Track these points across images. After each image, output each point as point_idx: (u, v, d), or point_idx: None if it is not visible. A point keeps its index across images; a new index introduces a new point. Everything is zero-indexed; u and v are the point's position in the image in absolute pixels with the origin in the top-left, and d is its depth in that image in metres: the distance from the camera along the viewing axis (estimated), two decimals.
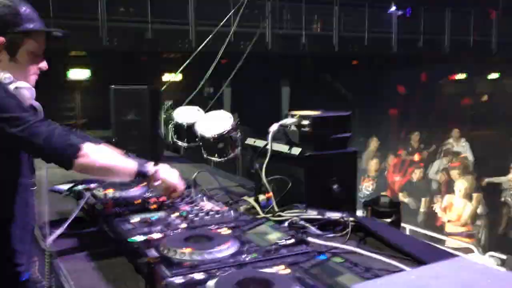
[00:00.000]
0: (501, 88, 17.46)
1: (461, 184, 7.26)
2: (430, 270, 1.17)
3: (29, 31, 1.81)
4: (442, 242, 7.12)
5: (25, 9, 1.81)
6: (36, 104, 1.86)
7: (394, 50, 14.74)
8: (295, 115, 2.36)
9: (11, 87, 1.76)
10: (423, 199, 8.32)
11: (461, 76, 17.77)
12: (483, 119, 14.70)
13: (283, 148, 2.37)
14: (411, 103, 12.41)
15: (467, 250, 6.81)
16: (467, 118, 13.65)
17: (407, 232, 7.49)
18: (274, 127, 2.29)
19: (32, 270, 1.95)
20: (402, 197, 8.36)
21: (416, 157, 9.41)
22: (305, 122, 2.30)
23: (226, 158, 3.62)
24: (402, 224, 7.57)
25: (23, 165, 1.85)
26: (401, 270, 1.57)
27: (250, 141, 2.68)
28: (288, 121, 2.34)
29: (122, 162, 1.94)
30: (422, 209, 8.27)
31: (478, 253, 6.81)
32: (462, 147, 9.58)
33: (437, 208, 7.68)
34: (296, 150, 2.30)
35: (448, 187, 8.02)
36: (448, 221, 7.34)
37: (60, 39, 1.99)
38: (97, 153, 1.83)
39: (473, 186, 7.28)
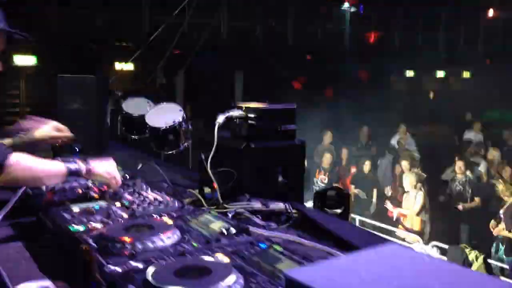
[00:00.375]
0: (447, 86, 18.17)
1: (408, 178, 7.54)
2: (362, 256, 1.21)
3: None
4: (392, 233, 7.39)
5: None
6: None
7: (347, 45, 15.04)
8: (241, 107, 2.37)
9: None
10: (375, 190, 8.59)
11: (410, 73, 18.34)
12: (431, 115, 15.26)
13: (229, 140, 2.37)
14: (361, 99, 12.69)
15: (414, 240, 7.11)
16: (415, 114, 14.10)
17: (357, 223, 7.71)
18: (220, 119, 2.29)
19: None
20: (354, 189, 8.58)
21: (366, 151, 9.65)
22: (251, 114, 2.31)
23: (176, 151, 3.59)
24: (353, 215, 7.77)
25: None
26: None
27: None
28: (234, 113, 2.35)
29: (51, 165, 1.93)
30: (374, 200, 8.55)
31: (422, 243, 7.11)
32: (409, 143, 9.90)
33: (387, 202, 7.96)
34: (241, 142, 2.32)
35: (397, 181, 8.29)
36: (399, 213, 7.62)
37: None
38: (20, 167, 1.79)
39: (420, 179, 7.56)
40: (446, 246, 6.82)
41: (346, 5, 14.94)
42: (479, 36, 18.68)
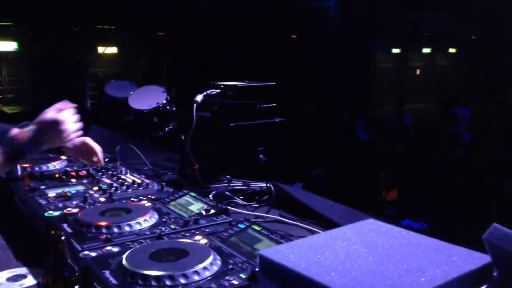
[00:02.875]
0: (433, 61, 18.18)
1: None
2: (339, 232, 1.19)
3: None
4: None
5: None
6: None
7: (334, 22, 14.86)
8: (220, 85, 2.32)
9: None
10: None
11: (396, 50, 18.32)
12: (418, 91, 15.28)
13: (208, 119, 2.33)
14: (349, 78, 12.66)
15: None
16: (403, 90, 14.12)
17: None
18: (198, 98, 2.25)
19: None
20: None
21: None
22: (230, 92, 2.27)
23: (161, 134, 3.54)
24: None
25: None
26: None
27: None
28: (212, 91, 2.31)
29: None
30: None
31: None
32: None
33: None
34: (220, 121, 2.28)
35: None
36: None
37: None
38: None
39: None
40: None
41: None
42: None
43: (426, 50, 18.95)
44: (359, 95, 11.32)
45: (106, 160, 2.27)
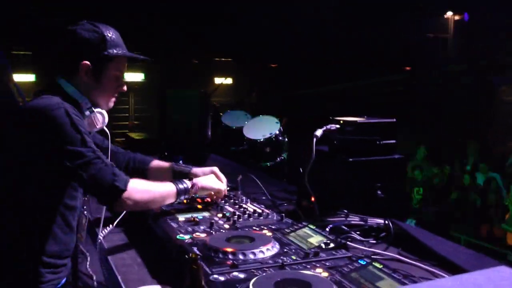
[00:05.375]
0: None
1: None
2: (468, 279, 1.16)
3: (114, 56, 1.90)
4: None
5: (111, 35, 1.91)
6: (106, 130, 2.00)
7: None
8: (338, 120, 2.37)
9: (87, 112, 1.89)
10: None
11: None
12: None
13: (326, 153, 2.38)
14: None
15: None
16: None
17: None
18: (318, 132, 2.31)
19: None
20: None
21: None
22: (349, 128, 2.31)
23: (273, 162, 3.65)
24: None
25: (72, 188, 1.86)
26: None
27: None
28: (332, 126, 2.36)
29: (162, 190, 1.99)
30: None
31: None
32: None
33: None
34: (339, 156, 2.31)
35: None
36: None
37: None
38: (138, 193, 1.85)
39: None
40: None
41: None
42: None
43: None
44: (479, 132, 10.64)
45: (228, 189, 2.41)
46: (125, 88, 2.01)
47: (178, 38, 11.26)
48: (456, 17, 13.95)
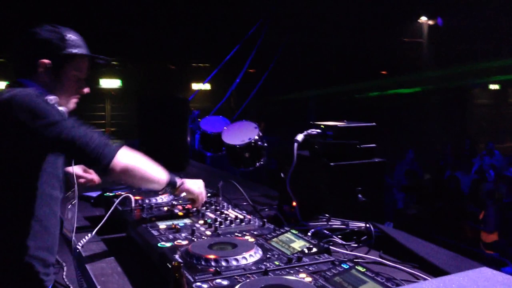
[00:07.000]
0: None
1: None
2: (452, 281, 1.17)
3: (73, 54, 1.90)
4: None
5: (71, 35, 1.92)
6: None
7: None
8: (319, 125, 2.38)
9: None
10: None
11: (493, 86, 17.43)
12: None
13: (307, 158, 2.38)
14: None
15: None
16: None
17: None
18: (299, 137, 2.31)
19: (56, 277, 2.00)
20: None
21: None
22: (330, 132, 2.32)
23: (252, 168, 3.63)
24: None
25: (52, 177, 1.87)
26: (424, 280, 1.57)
27: None
28: (313, 131, 2.36)
29: (157, 171, 1.98)
30: None
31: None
32: None
33: None
34: (320, 160, 2.32)
35: None
36: None
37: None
38: (134, 158, 1.88)
39: None
40: None
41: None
42: None
43: None
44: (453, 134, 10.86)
45: (209, 195, 2.38)
46: (86, 90, 1.99)
47: (154, 43, 11.20)
48: (430, 22, 14.22)
